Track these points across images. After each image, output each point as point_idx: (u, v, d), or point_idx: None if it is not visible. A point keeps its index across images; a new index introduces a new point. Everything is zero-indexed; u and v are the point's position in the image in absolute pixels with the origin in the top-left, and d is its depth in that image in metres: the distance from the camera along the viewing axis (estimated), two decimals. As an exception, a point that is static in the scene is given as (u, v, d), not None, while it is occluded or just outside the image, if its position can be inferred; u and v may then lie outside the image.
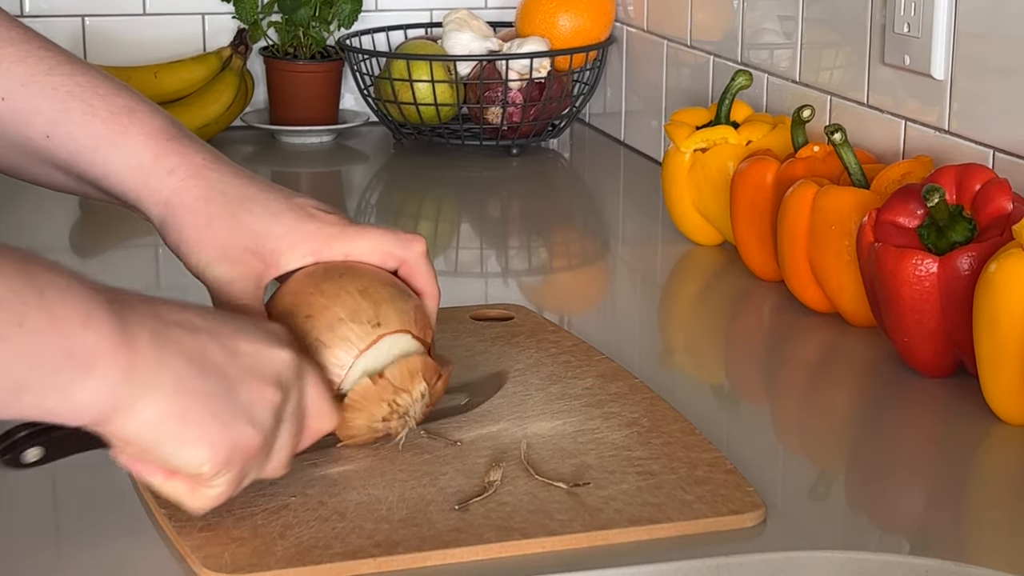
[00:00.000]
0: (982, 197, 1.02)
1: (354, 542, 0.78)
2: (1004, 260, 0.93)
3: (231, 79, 1.82)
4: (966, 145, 1.19)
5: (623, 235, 1.55)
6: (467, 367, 1.02)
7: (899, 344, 1.05)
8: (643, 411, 0.95)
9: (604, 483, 0.85)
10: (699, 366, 1.15)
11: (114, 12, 1.88)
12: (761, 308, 1.25)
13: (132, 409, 0.71)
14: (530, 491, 0.84)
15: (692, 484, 0.85)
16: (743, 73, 1.33)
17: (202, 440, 0.74)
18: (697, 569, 0.79)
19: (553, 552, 0.79)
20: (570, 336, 1.08)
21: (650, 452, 0.89)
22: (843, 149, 1.14)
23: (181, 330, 0.74)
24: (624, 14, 1.83)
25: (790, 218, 1.16)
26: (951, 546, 0.83)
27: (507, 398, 0.97)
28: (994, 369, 0.95)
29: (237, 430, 0.75)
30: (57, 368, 0.68)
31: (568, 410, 0.95)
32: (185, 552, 0.78)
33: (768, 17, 1.50)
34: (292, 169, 1.79)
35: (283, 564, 0.76)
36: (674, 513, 0.82)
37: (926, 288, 1.00)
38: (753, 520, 0.82)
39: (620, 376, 1.01)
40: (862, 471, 0.94)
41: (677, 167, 1.36)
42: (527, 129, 1.78)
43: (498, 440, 0.91)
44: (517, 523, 0.80)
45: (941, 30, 1.21)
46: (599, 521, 0.81)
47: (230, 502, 0.81)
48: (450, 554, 0.78)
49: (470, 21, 1.81)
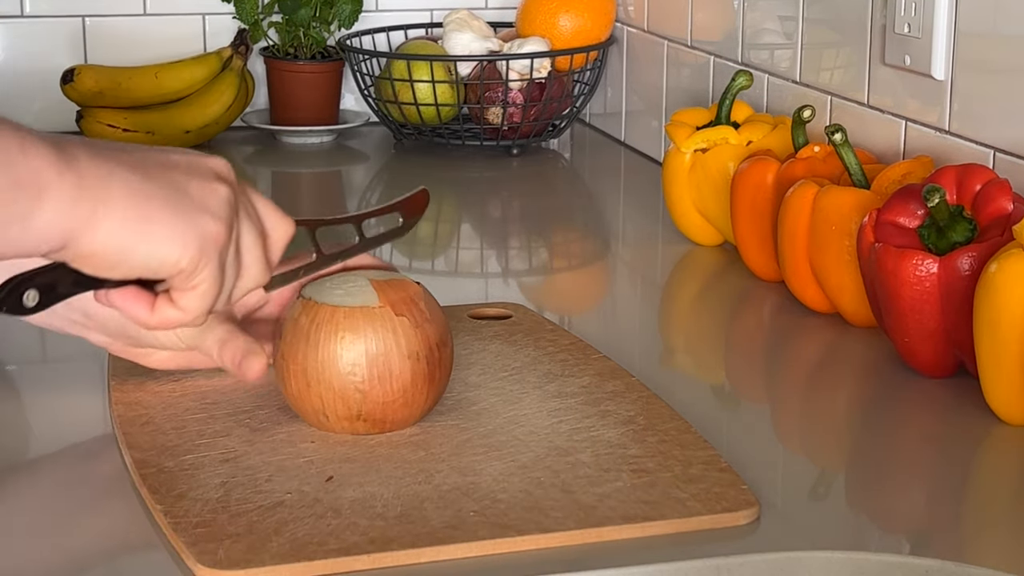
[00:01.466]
0: (982, 197, 1.01)
1: (348, 539, 0.78)
2: (1004, 260, 0.93)
3: (231, 79, 1.82)
4: (966, 145, 1.18)
5: (623, 235, 1.55)
6: (464, 364, 1.02)
7: (899, 344, 1.04)
8: (639, 409, 0.95)
9: (599, 480, 0.85)
10: (699, 366, 1.15)
11: (114, 12, 1.87)
12: (761, 308, 1.24)
13: (92, 222, 0.76)
14: (524, 488, 0.84)
15: (686, 482, 0.85)
16: (743, 73, 1.33)
17: (171, 236, 0.79)
18: (697, 569, 0.78)
19: (547, 549, 0.79)
20: (568, 335, 1.08)
21: (645, 450, 0.89)
22: (843, 149, 1.14)
23: (113, 149, 0.79)
24: (624, 14, 1.83)
25: (790, 218, 1.16)
26: (951, 546, 0.82)
27: (503, 395, 0.97)
28: (994, 369, 0.95)
29: (199, 221, 0.80)
30: (11, 199, 0.72)
31: (564, 408, 0.95)
32: (180, 548, 0.77)
33: (769, 17, 1.50)
34: (292, 169, 1.79)
35: (278, 560, 0.76)
36: (668, 511, 0.81)
37: (926, 288, 1.00)
38: (747, 518, 0.82)
39: (617, 374, 1.00)
40: (862, 471, 0.93)
41: (677, 167, 1.36)
42: (527, 129, 1.77)
43: (493, 438, 0.90)
44: (511, 520, 0.80)
45: (942, 30, 1.20)
46: (593, 518, 0.80)
47: (226, 498, 0.81)
48: (444, 551, 0.78)
49: (470, 21, 1.81)
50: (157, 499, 0.82)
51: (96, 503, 0.85)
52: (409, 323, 0.90)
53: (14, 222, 0.73)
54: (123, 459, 0.89)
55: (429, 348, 0.90)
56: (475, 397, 0.97)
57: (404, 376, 0.90)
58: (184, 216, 0.79)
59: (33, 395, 1.02)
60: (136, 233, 0.78)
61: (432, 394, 0.92)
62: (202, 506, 0.81)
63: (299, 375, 0.90)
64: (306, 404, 0.90)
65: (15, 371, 1.06)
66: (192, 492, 0.83)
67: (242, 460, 0.87)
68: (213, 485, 0.84)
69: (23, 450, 0.95)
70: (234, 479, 0.85)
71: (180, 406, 0.95)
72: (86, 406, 0.99)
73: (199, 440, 0.90)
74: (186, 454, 0.88)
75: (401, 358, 0.89)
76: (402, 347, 0.89)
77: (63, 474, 0.90)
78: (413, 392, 0.90)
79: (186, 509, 0.81)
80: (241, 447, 0.89)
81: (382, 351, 0.89)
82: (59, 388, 1.01)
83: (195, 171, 0.82)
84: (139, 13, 1.88)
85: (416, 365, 0.90)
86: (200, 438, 0.90)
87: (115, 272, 0.80)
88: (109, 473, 0.88)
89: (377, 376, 0.89)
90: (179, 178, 0.80)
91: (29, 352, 0.98)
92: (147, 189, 0.78)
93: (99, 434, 0.94)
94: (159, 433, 0.91)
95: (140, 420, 0.93)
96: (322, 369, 0.89)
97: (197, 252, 0.80)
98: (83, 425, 0.97)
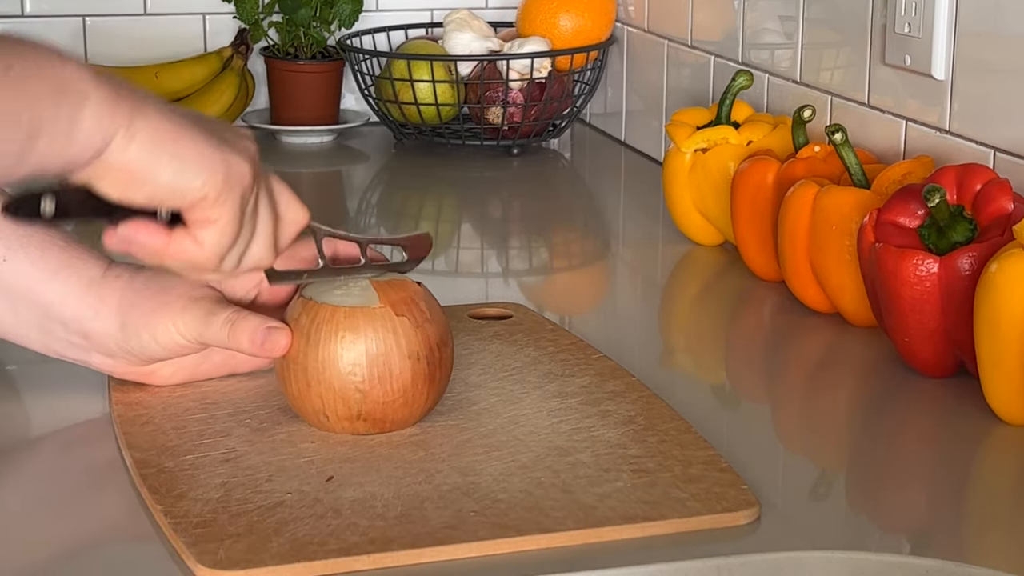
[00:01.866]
0: (983, 197, 1.01)
1: (349, 539, 0.78)
2: (1005, 260, 0.93)
3: (232, 79, 1.82)
4: (967, 145, 1.18)
5: (623, 235, 1.55)
6: (464, 364, 1.02)
7: (899, 344, 1.04)
8: (639, 409, 0.95)
9: (599, 480, 0.85)
10: (699, 366, 1.15)
11: (115, 12, 1.87)
12: (761, 308, 1.24)
13: (129, 132, 0.77)
14: (525, 488, 0.84)
15: (686, 482, 0.85)
16: (744, 73, 1.33)
17: (199, 161, 0.79)
18: (697, 569, 0.78)
19: (547, 549, 0.79)
20: (568, 335, 1.08)
21: (645, 450, 0.89)
22: (844, 149, 1.14)
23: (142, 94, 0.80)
24: (625, 14, 1.83)
25: (791, 218, 1.16)
26: (951, 546, 0.82)
27: (503, 395, 0.97)
28: (995, 369, 0.95)
29: (228, 155, 0.81)
30: (56, 102, 0.74)
31: (564, 408, 0.95)
32: (180, 548, 0.77)
33: (769, 17, 1.50)
34: (293, 169, 1.79)
35: (278, 560, 0.76)
36: (668, 511, 0.81)
37: (927, 288, 1.00)
38: (747, 518, 0.82)
39: (617, 374, 1.00)
40: (862, 471, 0.93)
41: (678, 167, 1.36)
42: (528, 129, 1.77)
43: (493, 438, 0.90)
44: (511, 520, 0.80)
45: (942, 30, 1.20)
46: (593, 518, 0.80)
47: (226, 498, 0.81)
48: (444, 551, 0.78)
49: (471, 21, 1.81)
50: (157, 499, 0.82)
51: (96, 503, 0.85)
52: (409, 323, 0.90)
53: (62, 126, 0.74)
54: (123, 459, 0.89)
55: (429, 348, 0.90)
56: (475, 397, 0.97)
57: (404, 376, 0.90)
58: (215, 146, 0.80)
59: (33, 395, 1.02)
60: (166, 153, 0.78)
61: (432, 394, 0.92)
62: (202, 506, 0.81)
63: (299, 375, 0.90)
64: (306, 404, 0.90)
65: (15, 371, 1.06)
66: (192, 492, 0.83)
67: (242, 460, 0.87)
68: (213, 485, 0.84)
69: (23, 450, 0.95)
70: (234, 479, 0.84)
71: (180, 406, 0.95)
72: (86, 406, 0.99)
73: (199, 440, 0.90)
74: (186, 454, 0.88)
75: (401, 358, 0.89)
76: (402, 347, 0.89)
77: (63, 474, 0.90)
78: (413, 392, 0.90)
79: (186, 509, 0.81)
80: (241, 447, 0.89)
81: (382, 351, 0.89)
82: (59, 388, 1.01)
83: (226, 125, 0.84)
84: (139, 13, 1.88)
85: (416, 365, 0.90)
86: (200, 438, 0.90)
87: (139, 193, 0.79)
88: (109, 473, 0.88)
89: (377, 376, 0.89)
90: (210, 122, 0.82)
91: (29, 352, 0.98)
92: (179, 116, 0.80)
93: (99, 434, 0.94)
94: (159, 433, 0.91)
95: (140, 420, 0.93)
96: (322, 369, 0.89)
97: (222, 183, 0.80)
98: (83, 425, 0.97)
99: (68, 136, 0.75)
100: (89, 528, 0.82)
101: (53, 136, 0.74)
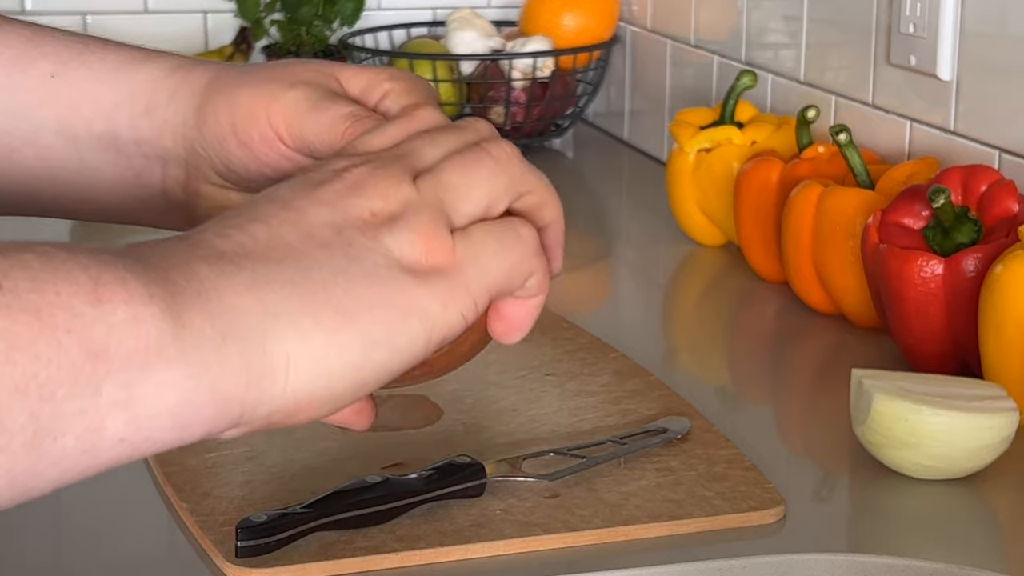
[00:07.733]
0: (988, 198, 1.01)
1: (376, 537, 0.78)
2: (1010, 262, 0.93)
3: (233, 77, 1.82)
4: (972, 146, 1.18)
5: (627, 235, 1.55)
6: (483, 363, 1.01)
7: (904, 346, 1.04)
8: (660, 408, 0.95)
9: (623, 479, 0.85)
10: (703, 367, 1.14)
11: (116, 10, 1.87)
12: (765, 309, 1.24)
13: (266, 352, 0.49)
14: (550, 487, 0.84)
15: (711, 480, 0.85)
16: (747, 73, 1.32)
17: (390, 319, 0.54)
18: (723, 569, 0.78)
19: (573, 548, 0.79)
20: (585, 333, 1.09)
21: (668, 449, 0.89)
22: (848, 150, 1.13)
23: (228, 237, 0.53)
24: (628, 13, 1.83)
25: (794, 219, 1.16)
26: (955, 548, 0.82)
27: (523, 394, 0.97)
28: (999, 371, 0.95)
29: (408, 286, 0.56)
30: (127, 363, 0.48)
31: (585, 407, 0.96)
32: (208, 546, 0.78)
33: (773, 17, 1.49)
34: (294, 168, 1.78)
35: (307, 559, 0.76)
36: (694, 509, 0.82)
37: (931, 290, 1.00)
38: (773, 516, 0.82)
39: (636, 373, 1.01)
40: (866, 473, 0.93)
41: (681, 167, 1.36)
42: (530, 129, 1.77)
43: (515, 436, 0.91)
44: (538, 519, 0.80)
45: (947, 30, 1.20)
46: (619, 517, 0.81)
47: (251, 496, 0.81)
48: (471, 549, 0.78)
49: (473, 20, 1.80)
50: (183, 497, 0.82)
51: (121, 504, 0.85)
52: None
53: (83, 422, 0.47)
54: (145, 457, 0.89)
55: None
56: (496, 395, 0.97)
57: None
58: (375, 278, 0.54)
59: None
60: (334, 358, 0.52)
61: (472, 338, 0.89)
62: (227, 504, 0.81)
63: None
64: None
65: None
66: (217, 490, 0.83)
67: (264, 458, 0.87)
68: (237, 483, 0.84)
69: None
70: (258, 477, 0.85)
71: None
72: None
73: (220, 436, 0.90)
74: (208, 452, 0.88)
75: None
76: None
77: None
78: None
79: (212, 507, 0.81)
80: (262, 444, 0.89)
81: None
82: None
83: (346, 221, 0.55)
84: (140, 11, 1.88)
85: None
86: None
87: (339, 405, 0.54)
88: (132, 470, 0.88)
89: None
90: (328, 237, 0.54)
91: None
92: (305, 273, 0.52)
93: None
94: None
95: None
96: None
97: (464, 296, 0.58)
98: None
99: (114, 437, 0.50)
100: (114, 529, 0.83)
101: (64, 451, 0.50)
